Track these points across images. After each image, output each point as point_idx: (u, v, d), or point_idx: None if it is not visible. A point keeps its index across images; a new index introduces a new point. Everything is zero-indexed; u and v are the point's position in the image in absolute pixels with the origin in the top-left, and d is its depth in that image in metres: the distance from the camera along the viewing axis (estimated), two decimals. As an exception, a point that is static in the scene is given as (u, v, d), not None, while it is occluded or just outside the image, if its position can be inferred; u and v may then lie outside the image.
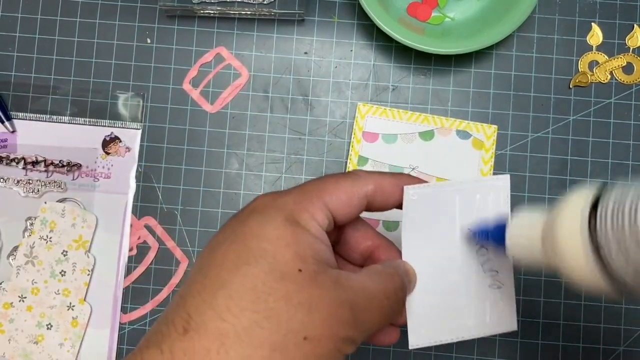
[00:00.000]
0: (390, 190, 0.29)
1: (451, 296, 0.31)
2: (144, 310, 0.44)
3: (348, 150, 0.44)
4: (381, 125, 0.44)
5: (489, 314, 0.31)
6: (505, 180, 0.31)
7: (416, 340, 0.30)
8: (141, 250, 0.44)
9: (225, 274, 0.25)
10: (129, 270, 0.44)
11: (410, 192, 0.30)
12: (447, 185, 0.31)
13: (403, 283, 0.29)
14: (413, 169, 0.43)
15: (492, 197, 0.31)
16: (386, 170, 0.43)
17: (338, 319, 0.25)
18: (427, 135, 0.44)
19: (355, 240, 0.31)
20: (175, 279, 0.44)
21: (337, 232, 0.31)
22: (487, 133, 0.44)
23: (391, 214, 0.39)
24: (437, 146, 0.43)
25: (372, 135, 0.44)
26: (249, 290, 0.24)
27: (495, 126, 0.44)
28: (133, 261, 0.44)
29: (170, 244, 0.44)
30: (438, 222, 0.31)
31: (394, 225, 0.43)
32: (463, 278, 0.31)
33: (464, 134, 0.43)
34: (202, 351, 0.23)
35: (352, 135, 0.44)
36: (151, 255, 0.44)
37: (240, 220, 0.27)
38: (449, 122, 0.44)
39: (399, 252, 0.31)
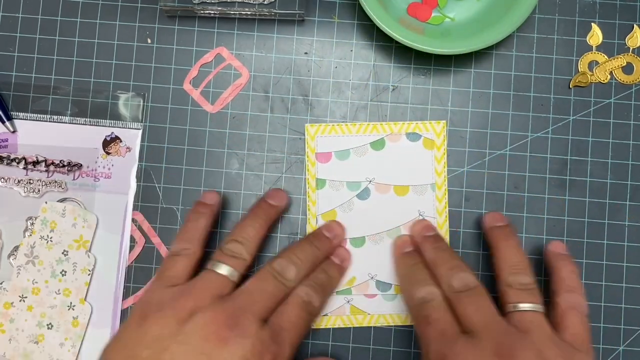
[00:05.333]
0: None
1: None
2: (144, 310, 0.44)
3: (348, 150, 0.44)
4: (332, 143, 0.44)
5: None
6: None
7: None
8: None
9: None
10: (129, 270, 0.44)
11: None
12: None
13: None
14: (370, 181, 0.43)
15: None
16: (344, 188, 0.43)
17: None
18: (378, 144, 0.44)
19: None
20: (175, 279, 0.44)
21: None
22: (437, 130, 0.43)
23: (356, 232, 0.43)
24: (389, 154, 0.44)
25: (325, 155, 0.44)
26: None
27: (444, 121, 0.44)
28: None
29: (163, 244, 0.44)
30: None
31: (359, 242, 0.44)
32: None
33: (413, 136, 0.44)
34: None
35: (306, 158, 0.44)
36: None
37: None
38: (398, 126, 0.44)
39: None
